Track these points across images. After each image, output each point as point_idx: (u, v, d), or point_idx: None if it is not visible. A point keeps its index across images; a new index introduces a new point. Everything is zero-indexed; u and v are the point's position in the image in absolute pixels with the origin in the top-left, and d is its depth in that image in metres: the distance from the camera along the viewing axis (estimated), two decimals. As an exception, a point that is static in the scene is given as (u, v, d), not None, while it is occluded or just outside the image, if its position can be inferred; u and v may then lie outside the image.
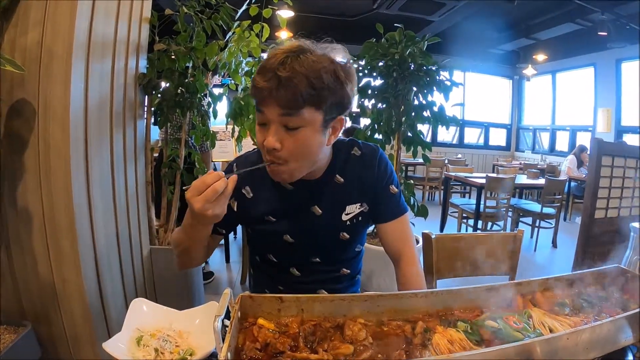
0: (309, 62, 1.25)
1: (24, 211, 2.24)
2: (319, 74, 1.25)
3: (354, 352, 1.00)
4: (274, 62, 1.25)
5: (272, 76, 1.24)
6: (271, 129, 1.30)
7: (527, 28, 9.92)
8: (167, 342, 1.29)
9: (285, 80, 1.22)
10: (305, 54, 1.28)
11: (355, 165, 1.58)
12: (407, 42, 3.60)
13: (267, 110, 1.28)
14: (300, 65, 1.24)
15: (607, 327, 1.04)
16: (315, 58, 1.27)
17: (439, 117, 3.68)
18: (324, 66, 1.27)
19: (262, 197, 1.56)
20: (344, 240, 1.59)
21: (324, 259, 1.61)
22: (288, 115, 1.27)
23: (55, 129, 2.19)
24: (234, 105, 3.57)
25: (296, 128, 1.29)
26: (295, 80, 1.23)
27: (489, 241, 2.18)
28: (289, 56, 1.26)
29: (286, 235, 1.55)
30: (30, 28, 2.16)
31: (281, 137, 1.30)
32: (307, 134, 1.32)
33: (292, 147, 1.32)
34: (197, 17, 3.25)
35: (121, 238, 2.81)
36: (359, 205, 1.57)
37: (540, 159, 12.00)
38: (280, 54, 1.27)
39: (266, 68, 1.26)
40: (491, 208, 6.26)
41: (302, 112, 1.27)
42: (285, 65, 1.24)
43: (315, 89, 1.25)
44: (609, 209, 3.70)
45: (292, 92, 1.23)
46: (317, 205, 1.54)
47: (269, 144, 1.30)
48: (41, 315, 2.33)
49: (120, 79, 2.75)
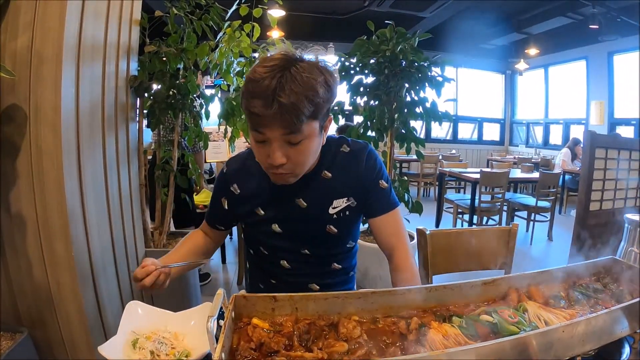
0: (304, 80, 1.25)
1: (17, 216, 2.23)
2: (315, 90, 1.26)
3: (348, 349, 1.00)
4: (269, 84, 1.22)
5: (273, 102, 1.22)
6: (274, 146, 1.31)
7: (519, 23, 9.92)
8: (162, 344, 1.29)
9: (289, 106, 1.22)
10: (295, 65, 1.27)
11: (343, 161, 1.60)
12: (398, 38, 3.60)
13: (268, 131, 1.29)
14: (297, 85, 1.23)
15: (603, 319, 1.04)
16: (307, 72, 1.26)
17: (432, 113, 3.69)
18: (316, 79, 1.27)
19: (250, 191, 1.61)
20: (332, 234, 1.60)
21: (312, 251, 1.63)
22: (291, 134, 1.29)
23: (47, 133, 2.18)
24: (226, 106, 3.57)
25: (299, 142, 1.32)
26: (297, 104, 1.23)
27: (484, 236, 2.18)
28: (281, 74, 1.24)
29: (274, 224, 1.60)
30: (19, 32, 2.15)
31: (285, 151, 1.33)
32: (308, 143, 1.35)
33: (297, 158, 1.36)
34: (187, 18, 3.25)
35: (116, 241, 2.80)
36: (346, 199, 1.59)
37: (534, 153, 12.03)
38: (270, 73, 1.24)
39: (262, 92, 1.23)
40: (486, 203, 6.29)
41: (303, 127, 1.28)
42: (285, 88, 1.22)
43: (313, 104, 1.26)
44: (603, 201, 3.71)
45: (296, 115, 1.24)
46: (302, 199, 1.56)
47: (276, 161, 1.33)
48: (37, 319, 2.32)
49: (112, 82, 2.73)
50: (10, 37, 2.15)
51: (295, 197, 1.56)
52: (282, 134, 1.28)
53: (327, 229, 1.59)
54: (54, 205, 2.22)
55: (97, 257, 2.53)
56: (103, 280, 2.59)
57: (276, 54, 1.31)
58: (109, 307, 2.64)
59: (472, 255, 2.13)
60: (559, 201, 8.21)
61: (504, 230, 2.18)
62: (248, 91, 1.26)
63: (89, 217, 2.44)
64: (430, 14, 9.08)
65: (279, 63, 1.26)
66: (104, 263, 2.64)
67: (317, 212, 1.57)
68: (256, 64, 1.30)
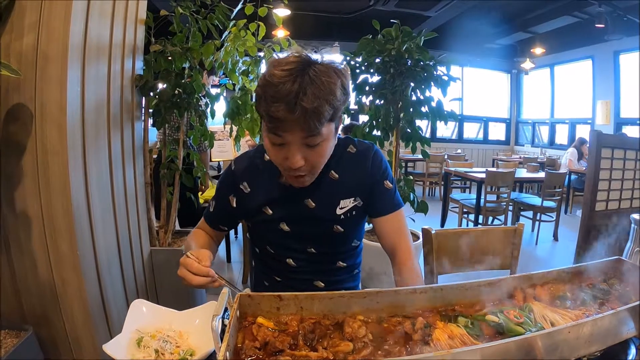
0: (324, 83, 1.25)
1: (22, 214, 2.23)
2: (335, 93, 1.27)
3: (353, 349, 1.00)
4: (290, 89, 1.21)
5: (295, 106, 1.22)
6: (292, 149, 1.32)
7: (524, 22, 9.89)
8: (167, 342, 1.29)
9: (311, 111, 1.22)
10: (313, 68, 1.26)
11: (350, 162, 1.61)
12: (403, 38, 3.59)
13: (287, 134, 1.29)
14: (318, 89, 1.23)
15: (609, 320, 1.03)
16: (325, 75, 1.26)
17: (437, 113, 3.68)
18: (335, 82, 1.28)
19: (259, 190, 1.61)
20: (339, 233, 1.61)
21: (318, 250, 1.64)
22: (311, 137, 1.30)
23: (52, 132, 2.18)
24: (231, 105, 3.58)
25: (317, 144, 1.33)
26: (319, 108, 1.23)
27: (489, 236, 2.18)
28: (301, 78, 1.23)
29: (282, 223, 1.60)
30: (25, 32, 2.16)
31: (304, 154, 1.34)
32: (326, 145, 1.38)
33: (314, 160, 1.38)
34: (192, 17, 3.25)
35: (121, 239, 2.81)
36: (353, 199, 1.60)
37: (539, 153, 12.00)
38: (289, 76, 1.23)
39: (284, 96, 1.22)
40: (491, 202, 6.26)
41: (322, 129, 1.30)
42: (307, 92, 1.22)
43: (333, 107, 1.28)
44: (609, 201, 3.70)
45: (318, 119, 1.25)
46: (310, 199, 1.57)
47: (295, 164, 1.34)
48: (42, 317, 2.33)
49: (117, 81, 2.74)
50: (16, 36, 2.16)
51: (304, 198, 1.57)
52: (302, 137, 1.29)
53: (334, 229, 1.60)
54: (59, 203, 2.23)
55: (102, 255, 2.54)
56: (108, 279, 2.60)
57: (290, 56, 1.30)
58: (114, 306, 2.65)
59: (477, 255, 2.13)
60: (565, 201, 8.19)
61: (510, 230, 2.18)
62: (268, 95, 1.25)
63: (94, 216, 2.45)
64: (436, 13, 9.05)
65: (296, 66, 1.25)
66: (109, 261, 2.65)
67: (324, 213, 1.58)
68: (271, 67, 1.28)
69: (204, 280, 1.28)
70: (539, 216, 6.59)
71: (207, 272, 1.27)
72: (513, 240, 2.16)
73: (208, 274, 1.27)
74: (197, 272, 1.27)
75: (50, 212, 2.24)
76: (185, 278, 1.29)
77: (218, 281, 1.28)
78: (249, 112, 3.63)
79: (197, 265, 1.28)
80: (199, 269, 1.27)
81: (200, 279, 1.27)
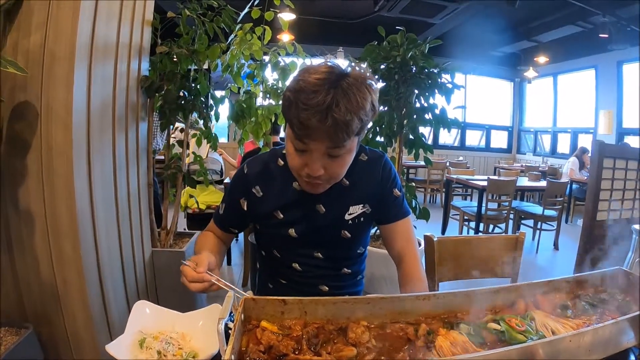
0: (357, 98, 1.26)
1: (26, 213, 2.24)
2: (365, 109, 1.29)
3: (357, 354, 1.01)
4: (324, 99, 1.22)
5: (327, 117, 1.23)
6: (314, 157, 1.34)
7: (528, 30, 9.90)
8: (169, 344, 1.29)
9: (342, 123, 1.24)
10: (346, 80, 1.27)
11: (361, 169, 1.63)
12: (408, 44, 3.60)
13: (313, 143, 1.31)
14: (350, 104, 1.24)
15: (610, 329, 1.04)
16: (357, 90, 1.27)
17: (441, 120, 3.68)
18: (366, 98, 1.29)
19: (272, 194, 1.61)
20: (346, 238, 1.62)
21: (325, 255, 1.64)
22: (335, 148, 1.32)
23: (57, 132, 2.19)
24: (236, 108, 3.58)
25: (339, 155, 1.35)
26: (350, 122, 1.25)
27: (491, 244, 2.18)
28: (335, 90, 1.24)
29: (291, 229, 1.60)
30: (32, 30, 2.17)
31: (324, 163, 1.36)
32: (347, 156, 1.40)
33: (334, 170, 1.40)
34: (199, 19, 3.26)
35: (123, 240, 2.81)
36: (362, 206, 1.62)
37: (541, 161, 11.97)
38: (322, 86, 1.24)
39: (316, 105, 1.23)
40: (493, 210, 6.27)
41: (348, 142, 1.32)
42: (340, 105, 1.23)
43: (362, 122, 1.30)
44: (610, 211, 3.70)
45: (346, 132, 1.26)
46: (322, 204, 1.58)
47: (315, 172, 1.35)
48: (43, 317, 2.33)
49: (123, 82, 2.75)
50: (23, 35, 2.17)
51: (315, 203, 1.58)
52: (327, 147, 1.31)
53: (341, 234, 1.61)
54: (63, 203, 2.24)
55: (104, 255, 2.54)
56: (109, 279, 2.60)
57: (322, 65, 1.31)
58: (115, 306, 2.65)
59: (479, 263, 2.13)
60: (566, 210, 8.19)
61: (512, 238, 2.18)
62: (300, 102, 1.25)
63: (97, 216, 2.46)
64: (440, 20, 9.07)
65: (330, 76, 1.27)
66: (111, 262, 2.65)
67: (333, 218, 1.59)
68: (304, 74, 1.30)
69: (201, 286, 1.28)
70: (539, 225, 6.58)
71: (202, 278, 1.28)
72: (515, 248, 2.16)
73: (203, 279, 1.28)
74: (191, 280, 1.28)
75: (54, 211, 2.24)
76: (184, 285, 1.30)
77: (216, 284, 1.28)
78: (254, 116, 3.64)
79: (192, 273, 1.28)
80: (192, 276, 1.28)
81: (196, 285, 1.28)
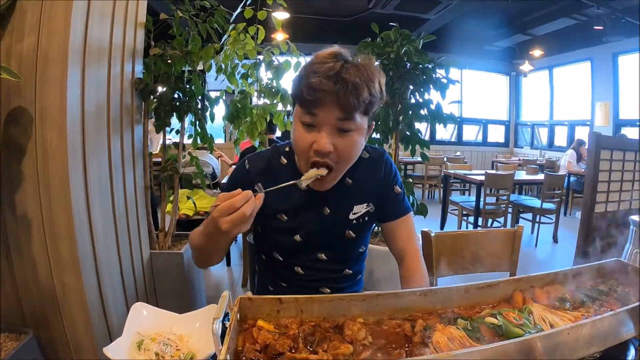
0: (366, 69, 1.29)
1: (23, 217, 2.23)
2: (373, 81, 1.31)
3: (353, 351, 1.00)
4: (334, 65, 1.26)
5: (337, 79, 1.24)
6: (323, 131, 1.32)
7: (523, 24, 9.90)
8: (167, 345, 1.29)
9: (351, 86, 1.25)
10: (355, 58, 1.33)
11: (363, 168, 1.62)
12: (402, 40, 3.59)
13: (322, 112, 1.29)
14: (359, 71, 1.27)
15: (608, 321, 1.04)
16: (367, 67, 1.31)
17: (436, 115, 3.67)
18: (374, 74, 1.32)
19: (275, 194, 1.53)
20: (350, 238, 1.61)
21: (329, 256, 1.63)
22: (345, 120, 1.30)
23: (52, 136, 2.18)
24: (231, 108, 3.58)
25: (348, 131, 1.33)
26: (359, 86, 1.26)
27: (489, 238, 2.18)
28: (343, 63, 1.28)
29: (296, 235, 1.58)
30: (25, 34, 2.16)
31: (334, 140, 1.33)
32: (356, 138, 1.37)
33: (342, 150, 1.36)
34: (192, 20, 3.25)
35: (121, 243, 2.81)
36: (366, 205, 1.61)
37: (539, 155, 12.01)
38: (331, 60, 1.28)
39: (326, 70, 1.26)
40: (491, 205, 6.27)
41: (356, 116, 1.31)
42: (349, 70, 1.26)
43: (370, 95, 1.30)
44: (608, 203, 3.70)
45: (356, 96, 1.26)
46: (327, 206, 1.57)
47: (324, 147, 1.31)
48: (42, 320, 2.33)
49: (117, 84, 2.74)
50: (16, 39, 2.16)
51: (320, 205, 1.57)
52: (338, 117, 1.29)
53: (346, 234, 1.60)
54: (60, 207, 2.23)
55: (103, 258, 2.54)
56: (108, 282, 2.60)
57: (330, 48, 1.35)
58: (114, 309, 2.65)
59: (477, 258, 2.13)
60: (564, 203, 8.19)
61: (509, 232, 2.18)
62: (310, 73, 1.28)
63: (94, 219, 2.45)
64: (435, 15, 9.07)
65: (338, 53, 1.32)
66: (109, 265, 2.65)
67: (338, 218, 1.58)
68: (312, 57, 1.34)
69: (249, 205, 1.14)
70: (538, 218, 6.59)
71: (246, 195, 1.14)
72: (513, 242, 2.16)
73: (247, 195, 1.14)
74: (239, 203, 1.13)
75: (51, 215, 2.23)
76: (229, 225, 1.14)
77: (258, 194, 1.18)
78: (249, 116, 3.64)
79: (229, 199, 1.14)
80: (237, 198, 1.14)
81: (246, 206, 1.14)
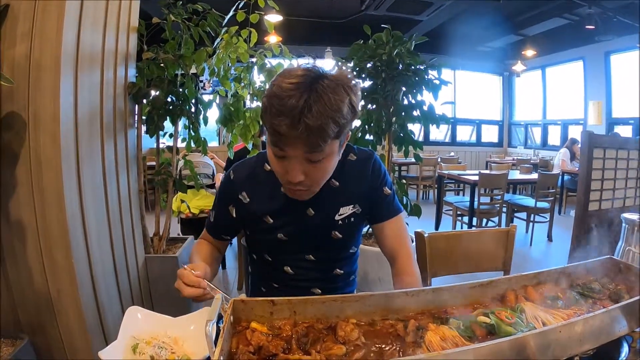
0: (331, 101, 1.21)
1: (17, 224, 2.23)
2: (341, 111, 1.24)
3: (346, 352, 1.00)
4: (296, 104, 1.19)
5: (299, 122, 1.19)
6: (293, 163, 1.31)
7: (515, 24, 9.94)
8: (162, 349, 1.29)
9: (314, 128, 1.20)
10: (321, 83, 1.23)
11: (350, 170, 1.61)
12: (394, 42, 3.60)
13: (289, 150, 1.28)
14: (324, 107, 1.20)
15: (601, 319, 1.04)
16: (332, 92, 1.23)
17: (429, 116, 3.68)
18: (342, 100, 1.25)
19: (260, 199, 1.59)
20: (337, 239, 1.61)
21: (317, 257, 1.63)
22: (313, 153, 1.28)
23: (45, 141, 2.18)
24: (224, 111, 3.58)
25: (318, 160, 1.31)
26: (323, 126, 1.21)
27: (482, 238, 2.19)
28: (308, 94, 1.20)
29: (280, 233, 1.58)
30: (18, 40, 2.16)
31: (304, 169, 1.32)
32: (328, 161, 1.36)
33: (315, 175, 1.37)
34: (184, 24, 3.26)
35: (115, 247, 2.80)
36: (352, 206, 1.60)
37: (532, 154, 12.04)
38: (296, 91, 1.20)
39: (288, 111, 1.19)
40: (485, 205, 6.29)
41: (326, 146, 1.28)
42: (312, 109, 1.19)
43: (338, 125, 1.25)
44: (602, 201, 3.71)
45: (321, 137, 1.23)
46: (311, 207, 1.57)
47: (294, 178, 1.32)
48: (38, 326, 2.33)
49: (110, 89, 2.74)
50: (9, 45, 2.16)
51: (304, 207, 1.56)
52: (304, 152, 1.27)
53: (332, 235, 1.60)
54: (54, 212, 2.23)
55: (97, 263, 2.54)
56: (103, 287, 2.60)
57: (299, 69, 1.28)
58: (109, 313, 2.65)
59: (471, 258, 2.14)
60: (558, 202, 8.22)
61: (503, 232, 2.18)
62: (273, 108, 1.23)
63: (88, 224, 2.45)
64: (427, 17, 9.09)
65: (304, 80, 1.23)
66: (104, 270, 2.64)
67: (323, 220, 1.58)
68: (279, 78, 1.27)
69: (196, 291, 1.28)
70: (533, 217, 6.62)
71: (198, 283, 1.28)
72: (506, 241, 2.17)
73: (200, 284, 1.28)
74: (188, 282, 1.28)
75: (45, 221, 2.23)
76: (179, 289, 1.30)
77: (211, 293, 1.28)
78: (242, 119, 3.64)
79: (189, 276, 1.28)
80: (190, 279, 1.28)
81: (191, 290, 1.28)
